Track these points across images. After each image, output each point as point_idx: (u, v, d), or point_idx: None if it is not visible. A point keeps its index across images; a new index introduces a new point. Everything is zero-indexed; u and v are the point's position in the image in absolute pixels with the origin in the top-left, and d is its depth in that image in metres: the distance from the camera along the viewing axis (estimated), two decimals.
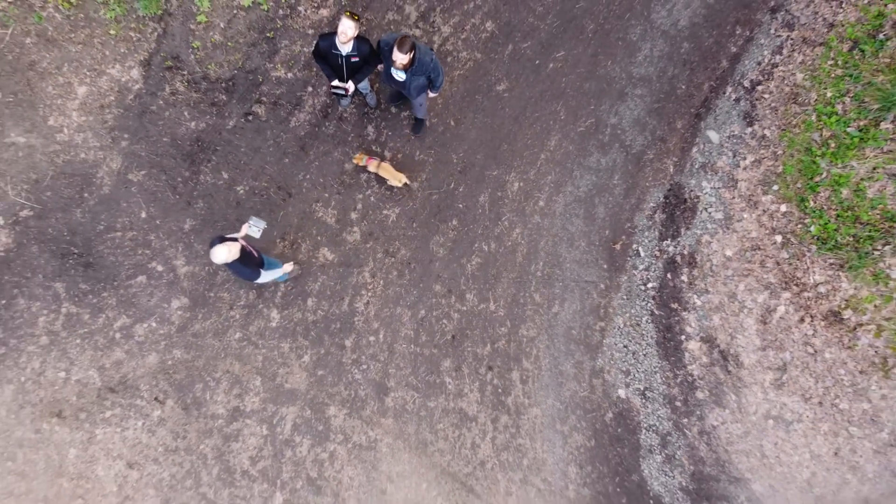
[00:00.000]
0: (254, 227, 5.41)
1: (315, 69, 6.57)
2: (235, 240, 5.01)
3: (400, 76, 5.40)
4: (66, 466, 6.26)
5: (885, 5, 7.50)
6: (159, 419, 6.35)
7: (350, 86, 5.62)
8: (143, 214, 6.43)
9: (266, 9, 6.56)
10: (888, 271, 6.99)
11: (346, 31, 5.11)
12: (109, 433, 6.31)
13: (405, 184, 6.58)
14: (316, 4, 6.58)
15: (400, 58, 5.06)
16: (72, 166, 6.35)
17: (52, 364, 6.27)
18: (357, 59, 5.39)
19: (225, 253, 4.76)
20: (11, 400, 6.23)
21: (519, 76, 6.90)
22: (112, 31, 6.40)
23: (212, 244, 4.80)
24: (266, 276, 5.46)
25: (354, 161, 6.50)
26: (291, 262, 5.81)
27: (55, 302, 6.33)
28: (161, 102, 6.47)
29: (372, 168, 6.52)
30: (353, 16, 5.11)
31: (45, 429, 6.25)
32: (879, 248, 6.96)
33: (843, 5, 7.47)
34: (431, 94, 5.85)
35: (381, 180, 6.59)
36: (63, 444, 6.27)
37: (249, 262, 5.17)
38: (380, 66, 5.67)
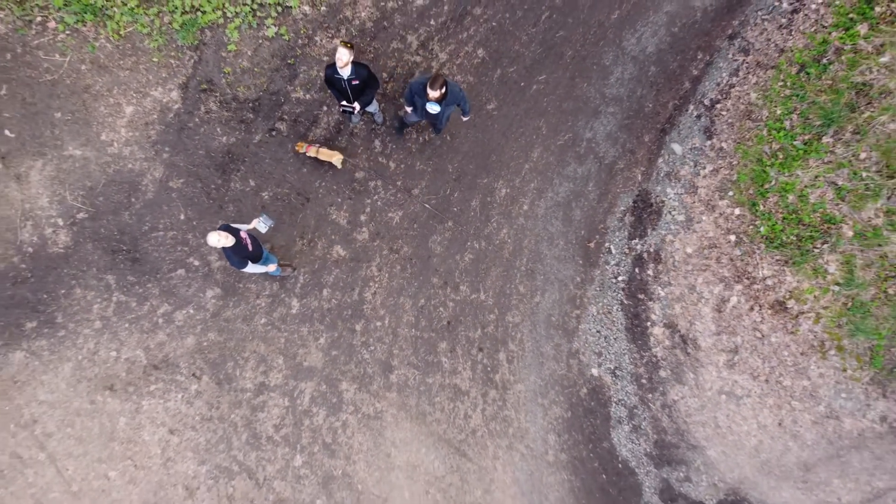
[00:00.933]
0: (262, 224, 6.34)
1: (328, 92, 7.52)
2: (238, 231, 5.92)
3: (434, 109, 6.30)
4: (116, 432, 7.23)
5: (830, 33, 8.45)
6: (196, 392, 7.33)
7: (357, 106, 6.59)
8: (182, 216, 7.39)
9: (287, 39, 7.50)
10: (826, 266, 7.95)
11: (342, 57, 6.02)
12: (154, 404, 7.28)
13: (343, 162, 7.41)
14: (330, 35, 7.52)
15: (434, 94, 5.94)
16: (121, 175, 7.31)
17: (104, 345, 7.24)
18: (357, 81, 6.33)
19: (215, 238, 5.48)
20: (70, 375, 7.20)
21: (506, 97, 7.85)
22: (155, 59, 7.35)
23: (217, 229, 5.75)
24: (252, 269, 6.26)
25: (296, 149, 7.41)
26: (278, 265, 6.76)
27: (107, 292, 7.30)
28: (197, 120, 7.43)
29: (311, 153, 7.29)
30: (346, 44, 6.02)
31: (98, 400, 7.23)
32: (819, 246, 7.92)
33: (793, 33, 8.42)
34: (465, 119, 6.82)
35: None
36: (114, 413, 7.24)
37: (239, 252, 5.92)
38: (408, 108, 6.62)
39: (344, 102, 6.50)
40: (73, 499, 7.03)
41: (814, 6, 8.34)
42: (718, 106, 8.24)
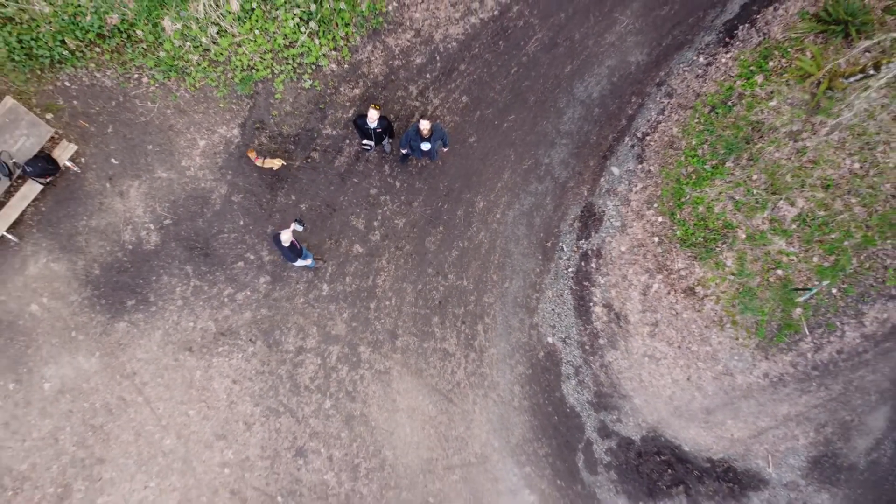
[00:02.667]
0: (297, 226, 8.68)
1: (350, 129, 9.79)
2: (280, 234, 8.33)
3: (426, 146, 8.67)
4: (194, 382, 9.61)
5: (735, 82, 10.76)
6: (252, 353, 9.70)
7: (373, 143, 8.97)
8: (241, 222, 9.73)
9: (319, 89, 9.80)
10: (725, 261, 10.31)
11: (372, 116, 8.37)
12: (221, 361, 9.65)
13: (282, 165, 9.21)
14: (352, 86, 9.83)
15: (424, 129, 8.23)
16: (196, 191, 9.65)
17: (184, 317, 9.60)
18: (380, 130, 8.70)
19: (288, 236, 7.89)
20: (160, 340, 9.56)
21: (484, 132, 10.18)
22: (221, 105, 9.66)
23: (274, 234, 8.15)
24: (299, 263, 8.61)
25: (248, 153, 9.12)
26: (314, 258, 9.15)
27: (186, 278, 9.65)
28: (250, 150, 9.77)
29: (258, 163, 9.13)
30: (376, 106, 8.34)
31: (180, 358, 9.60)
32: (720, 246, 10.28)
33: (707, 81, 10.72)
34: (444, 150, 9.20)
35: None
36: (192, 368, 9.62)
37: (293, 250, 8.40)
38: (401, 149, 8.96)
39: (365, 141, 8.86)
40: (163, 430, 9.44)
41: (724, 60, 10.65)
42: (648, 138, 10.57)
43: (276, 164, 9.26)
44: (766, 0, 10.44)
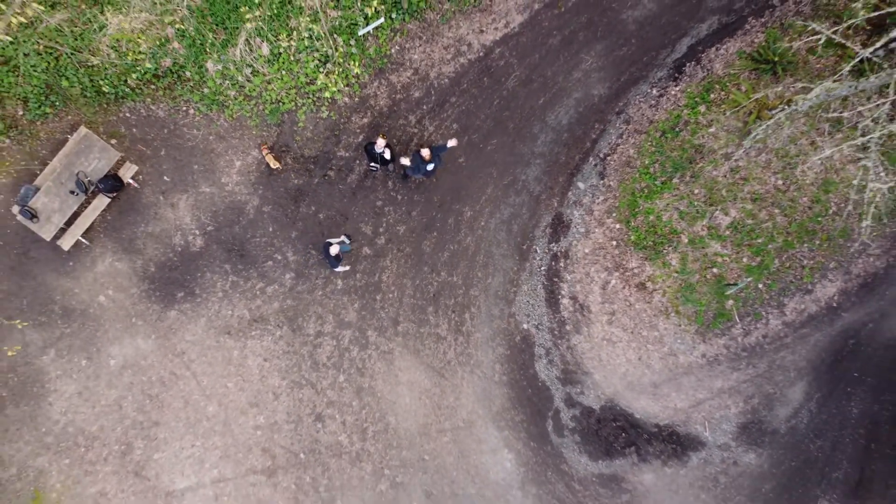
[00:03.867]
0: (346, 239, 10.64)
1: (360, 152, 11.78)
2: (331, 245, 10.35)
3: (430, 167, 10.66)
4: (232, 360, 11.59)
5: (682, 111, 12.70)
6: (279, 336, 11.68)
7: (379, 165, 10.96)
8: (270, 229, 11.70)
9: (334, 118, 11.73)
10: (670, 261, 12.30)
11: (380, 144, 10.40)
12: (254, 343, 11.64)
13: (278, 167, 10.91)
14: (361, 116, 11.77)
15: (426, 153, 10.25)
16: (233, 203, 11.61)
17: (224, 307, 11.58)
18: (386, 155, 10.69)
19: (337, 249, 10.04)
20: (204, 325, 11.54)
21: (471, 154, 12.15)
22: (254, 132, 11.60)
23: (325, 245, 10.18)
24: (339, 268, 10.76)
25: (261, 148, 11.10)
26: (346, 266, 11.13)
27: (224, 274, 11.62)
28: (279, 169, 11.73)
29: (265, 154, 10.80)
30: (383, 136, 10.37)
31: (221, 340, 11.58)
32: (666, 248, 12.29)
33: (659, 110, 12.66)
34: (439, 167, 11.16)
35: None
36: (230, 348, 11.60)
37: (337, 259, 10.41)
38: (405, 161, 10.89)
39: (373, 164, 10.86)
40: (206, 399, 11.44)
41: (673, 92, 12.57)
42: (608, 158, 12.53)
43: (275, 163, 11.11)
44: (710, 41, 12.35)
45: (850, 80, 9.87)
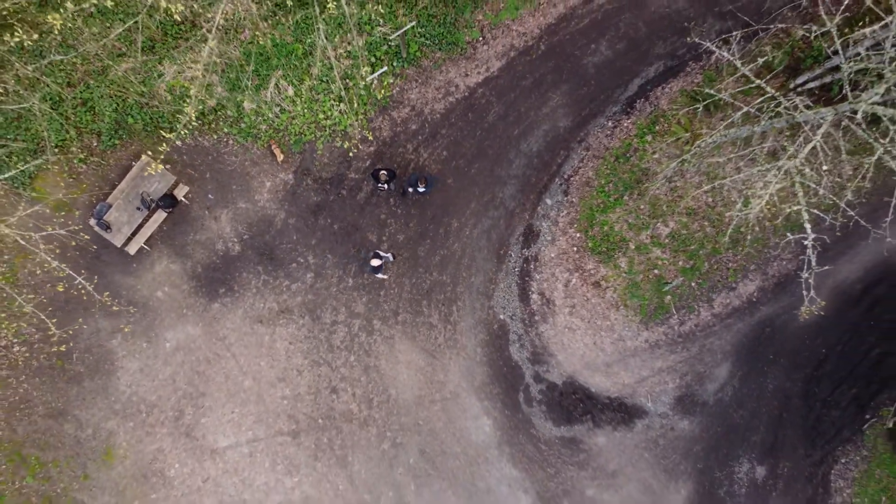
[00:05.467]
0: (389, 256, 13.31)
1: (367, 175, 14.38)
2: (380, 255, 12.99)
3: (422, 189, 13.27)
4: (262, 342, 14.24)
5: (633, 140, 15.32)
6: (302, 324, 14.34)
7: (385, 186, 13.59)
8: (294, 237, 14.32)
9: (347, 147, 14.36)
10: (620, 264, 14.93)
11: (383, 171, 13.05)
12: (281, 329, 14.29)
13: (283, 157, 13.52)
14: (368, 145, 14.38)
15: (423, 182, 12.97)
16: (264, 217, 14.22)
17: (257, 300, 14.22)
18: (391, 177, 13.33)
19: (378, 262, 12.70)
20: (241, 315, 14.17)
21: (458, 176, 14.76)
22: (280, 159, 14.25)
23: (374, 254, 12.74)
24: (379, 275, 13.47)
25: (271, 143, 14.03)
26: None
27: (257, 274, 14.25)
28: (301, 189, 14.32)
29: (273, 147, 13.51)
30: (385, 171, 13.01)
31: (255, 328, 14.22)
32: (617, 254, 14.97)
33: (613, 139, 15.25)
34: (429, 190, 13.76)
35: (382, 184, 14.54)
36: (262, 334, 14.25)
37: (378, 269, 13.12)
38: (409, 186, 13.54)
39: (380, 185, 13.50)
40: (243, 375, 14.10)
41: (625, 124, 15.16)
42: (571, 178, 15.16)
43: (280, 156, 13.57)
44: (657, 81, 14.94)
45: (725, 130, 12.39)
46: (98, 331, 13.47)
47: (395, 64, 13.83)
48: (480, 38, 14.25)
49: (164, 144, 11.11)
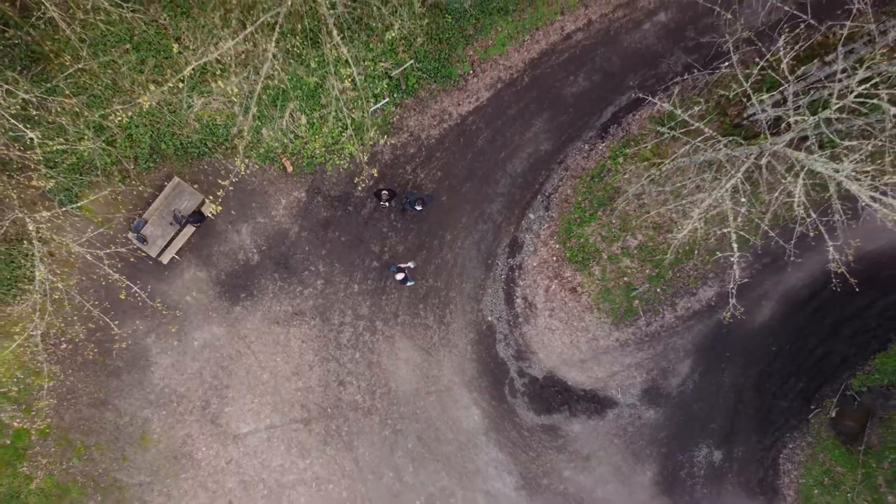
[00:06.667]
0: (412, 264, 15.19)
1: (371, 194, 16.28)
2: (401, 268, 14.87)
3: (419, 207, 15.17)
4: (278, 341, 16.15)
5: (607, 161, 17.20)
6: (313, 325, 16.23)
7: (387, 204, 15.47)
8: (306, 248, 16.21)
9: (352, 169, 16.25)
10: (594, 272, 16.78)
11: (385, 190, 14.94)
12: (295, 329, 16.18)
13: (290, 168, 15.62)
14: (371, 167, 16.21)
15: (420, 202, 14.87)
16: (280, 230, 16.10)
17: (274, 304, 16.11)
18: (391, 196, 15.22)
19: (402, 275, 14.60)
20: (260, 317, 16.07)
21: (451, 194, 16.64)
22: (294, 178, 16.08)
23: (396, 269, 14.62)
24: (407, 283, 15.39)
25: (280, 157, 16.12)
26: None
27: (274, 281, 16.12)
28: (312, 205, 16.20)
29: (284, 163, 15.81)
30: (386, 191, 14.90)
31: (271, 328, 16.11)
32: (592, 263, 16.87)
33: (590, 160, 17.13)
34: (425, 207, 15.66)
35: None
36: (278, 332, 16.15)
37: (405, 280, 15.09)
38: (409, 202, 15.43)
39: (381, 202, 15.38)
40: (261, 369, 16.02)
41: (600, 147, 17.02)
42: (552, 196, 17.04)
43: (290, 167, 15.57)
44: (629, 109, 16.79)
45: (672, 162, 14.25)
46: (135, 330, 15.36)
47: (395, 95, 15.68)
48: (471, 72, 16.09)
49: (221, 191, 13.09)
